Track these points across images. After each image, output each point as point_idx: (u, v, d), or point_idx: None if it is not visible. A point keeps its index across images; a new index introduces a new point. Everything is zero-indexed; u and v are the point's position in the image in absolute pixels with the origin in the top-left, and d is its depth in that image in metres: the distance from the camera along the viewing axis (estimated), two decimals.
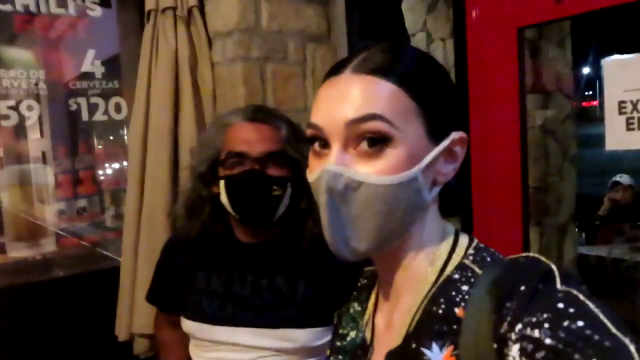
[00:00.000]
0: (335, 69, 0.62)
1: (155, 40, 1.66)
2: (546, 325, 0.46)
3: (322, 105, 0.60)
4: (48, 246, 1.81)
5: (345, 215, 0.58)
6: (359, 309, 0.74)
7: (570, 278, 0.52)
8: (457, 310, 0.57)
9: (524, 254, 0.57)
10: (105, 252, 2.07)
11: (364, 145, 0.57)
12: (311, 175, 0.62)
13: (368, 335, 0.69)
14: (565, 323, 0.45)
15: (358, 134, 0.57)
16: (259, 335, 1.11)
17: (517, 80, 1.34)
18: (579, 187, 2.88)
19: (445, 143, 0.60)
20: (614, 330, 0.44)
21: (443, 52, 2.56)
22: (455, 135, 0.61)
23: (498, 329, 0.49)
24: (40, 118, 2.12)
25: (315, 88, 1.79)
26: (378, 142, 0.57)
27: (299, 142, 1.13)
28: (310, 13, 1.79)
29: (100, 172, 2.12)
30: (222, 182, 1.10)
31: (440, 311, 0.58)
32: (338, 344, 0.74)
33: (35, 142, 2.23)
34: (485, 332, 0.51)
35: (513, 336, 0.48)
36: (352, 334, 0.72)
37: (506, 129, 1.38)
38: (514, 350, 0.47)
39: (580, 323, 0.45)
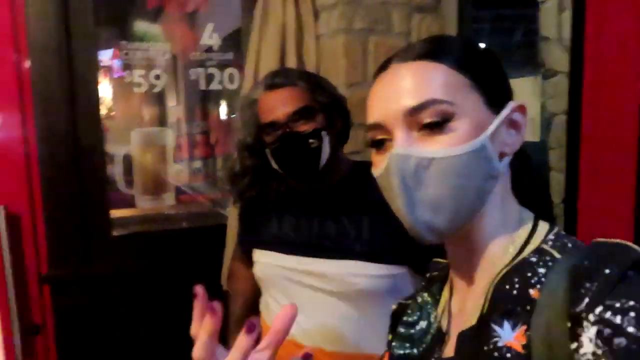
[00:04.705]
0: (382, 67, 0.63)
1: (265, 14, 1.74)
2: (632, 313, 0.43)
3: (377, 102, 0.61)
4: (168, 200, 2.06)
5: (420, 196, 0.57)
6: (429, 299, 0.73)
7: None
8: (531, 291, 0.54)
9: (614, 240, 0.53)
10: (220, 210, 2.28)
11: (427, 127, 0.57)
12: (377, 169, 0.61)
13: (444, 323, 0.67)
14: None
15: (419, 120, 0.57)
16: (324, 279, 1.17)
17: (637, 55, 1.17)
18: None
19: (505, 112, 0.60)
20: None
21: None
22: (513, 103, 0.62)
23: (573, 308, 0.47)
24: (176, 87, 2.37)
25: None
26: (441, 122, 0.57)
27: (324, 89, 1.19)
28: None
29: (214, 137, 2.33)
30: (267, 152, 1.20)
31: (515, 291, 0.56)
32: (402, 330, 0.73)
33: (172, 108, 2.50)
34: (559, 311, 0.49)
35: (591, 317, 0.46)
36: (423, 323, 0.71)
37: (624, 108, 1.22)
38: (591, 332, 0.45)
39: None
